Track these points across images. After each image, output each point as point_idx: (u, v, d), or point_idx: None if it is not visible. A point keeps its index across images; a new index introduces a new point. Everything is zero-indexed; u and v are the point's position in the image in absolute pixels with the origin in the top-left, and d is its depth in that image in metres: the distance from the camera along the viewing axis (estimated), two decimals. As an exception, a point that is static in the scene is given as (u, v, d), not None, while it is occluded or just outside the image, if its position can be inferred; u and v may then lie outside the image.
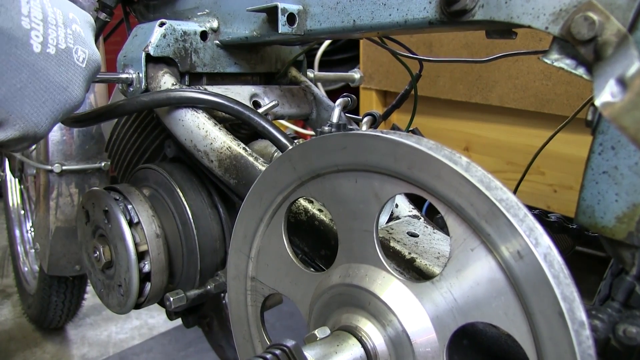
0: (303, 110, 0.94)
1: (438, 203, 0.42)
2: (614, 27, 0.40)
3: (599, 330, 0.42)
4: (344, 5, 0.64)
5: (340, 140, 0.47)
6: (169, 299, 0.78)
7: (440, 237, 0.64)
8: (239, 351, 0.65)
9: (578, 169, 0.45)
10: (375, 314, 0.47)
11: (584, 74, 0.44)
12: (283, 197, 0.54)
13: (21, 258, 1.74)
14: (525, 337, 0.39)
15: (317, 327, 0.50)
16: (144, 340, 1.67)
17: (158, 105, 0.74)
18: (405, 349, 0.45)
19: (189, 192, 0.80)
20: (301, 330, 1.58)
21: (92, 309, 1.82)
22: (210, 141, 0.73)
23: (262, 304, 0.61)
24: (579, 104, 0.78)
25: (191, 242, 0.79)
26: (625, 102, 0.33)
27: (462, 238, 0.41)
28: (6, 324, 1.77)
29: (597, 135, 0.43)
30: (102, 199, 0.78)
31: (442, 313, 0.43)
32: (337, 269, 0.51)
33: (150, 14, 0.94)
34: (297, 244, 0.66)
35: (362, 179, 0.47)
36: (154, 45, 0.76)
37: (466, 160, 0.40)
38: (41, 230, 1.31)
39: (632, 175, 0.41)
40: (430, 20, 0.55)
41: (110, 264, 0.80)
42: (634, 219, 0.41)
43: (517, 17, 0.48)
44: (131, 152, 0.93)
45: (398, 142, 0.43)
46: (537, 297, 0.37)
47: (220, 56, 0.84)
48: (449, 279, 0.42)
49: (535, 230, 0.37)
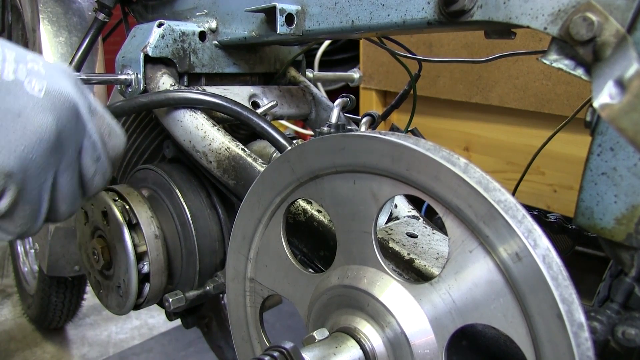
0: (302, 110, 0.94)
1: (436, 204, 0.42)
2: (612, 28, 0.40)
3: (598, 332, 0.42)
4: (343, 6, 0.63)
5: (339, 141, 0.47)
6: (168, 300, 0.78)
7: (440, 237, 0.64)
8: (238, 352, 0.65)
9: (578, 169, 0.45)
10: (373, 316, 0.47)
11: (582, 74, 0.44)
12: (282, 198, 0.54)
13: (21, 258, 1.74)
14: (523, 338, 0.39)
15: (316, 328, 0.50)
16: (144, 340, 1.67)
17: (157, 106, 0.74)
18: (403, 351, 0.45)
19: (187, 192, 0.80)
20: (301, 331, 1.58)
21: (92, 309, 1.82)
22: (208, 142, 0.72)
23: (261, 305, 0.61)
24: (579, 104, 0.77)
25: (190, 242, 0.79)
26: (624, 104, 0.32)
27: (461, 239, 0.41)
28: (6, 324, 1.77)
29: (596, 136, 0.43)
30: (101, 200, 0.78)
31: (441, 314, 0.43)
32: (336, 270, 0.51)
33: (149, 14, 0.94)
34: (296, 244, 0.66)
35: (361, 180, 0.47)
36: (153, 46, 0.76)
37: (464, 161, 0.40)
38: (40, 230, 1.30)
39: (631, 176, 0.41)
40: (428, 20, 0.55)
41: (109, 265, 0.80)
42: (632, 221, 0.41)
43: (515, 17, 0.48)
44: (130, 153, 0.93)
45: (396, 143, 0.43)
46: (535, 299, 0.37)
47: (219, 56, 0.84)
48: (447, 280, 0.42)
49: (534, 232, 0.37)
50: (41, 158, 0.49)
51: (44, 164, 0.50)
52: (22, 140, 0.47)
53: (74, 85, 0.53)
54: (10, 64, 0.47)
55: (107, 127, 0.58)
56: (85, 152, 0.55)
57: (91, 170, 0.56)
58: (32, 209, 0.52)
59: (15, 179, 0.47)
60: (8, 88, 0.47)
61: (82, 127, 0.53)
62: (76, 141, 0.53)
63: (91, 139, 0.55)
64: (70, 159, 0.53)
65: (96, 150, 0.56)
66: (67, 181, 0.54)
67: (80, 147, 0.54)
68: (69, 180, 0.54)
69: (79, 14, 1.17)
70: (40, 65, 0.50)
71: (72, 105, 0.51)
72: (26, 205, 0.51)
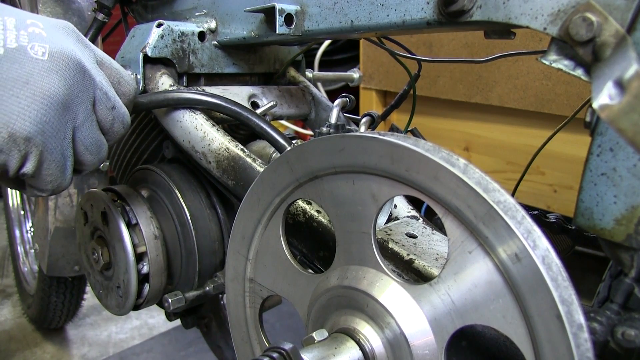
0: (302, 110, 0.94)
1: (436, 205, 0.42)
2: (612, 28, 0.40)
3: (598, 333, 0.42)
4: (342, 6, 0.63)
5: (338, 142, 0.47)
6: (168, 300, 0.78)
7: (439, 237, 0.63)
8: (238, 353, 0.65)
9: (578, 169, 0.45)
10: (373, 317, 0.47)
11: (582, 75, 0.44)
12: (281, 198, 0.54)
13: (21, 258, 1.74)
14: (523, 339, 0.38)
15: (316, 329, 0.50)
16: (144, 340, 1.67)
17: (156, 107, 0.74)
18: (403, 351, 0.45)
19: (187, 193, 0.80)
20: (301, 331, 1.58)
21: (92, 309, 1.82)
22: (208, 142, 0.72)
23: (260, 306, 0.61)
24: (578, 104, 0.77)
25: (190, 243, 0.79)
26: (623, 104, 0.32)
27: (460, 240, 0.41)
28: (6, 324, 1.77)
29: (595, 136, 0.43)
30: (100, 200, 0.78)
31: (440, 315, 0.43)
32: (335, 271, 0.51)
33: (149, 14, 0.94)
34: (296, 245, 0.66)
35: (360, 180, 0.47)
36: (152, 46, 0.76)
37: (464, 162, 0.40)
38: (40, 230, 1.30)
39: (631, 177, 0.41)
40: (428, 20, 0.55)
41: (108, 265, 0.80)
42: (632, 221, 0.41)
43: (515, 17, 0.48)
44: (129, 153, 0.93)
45: (396, 144, 0.43)
46: (535, 300, 0.37)
47: (219, 57, 0.84)
48: (446, 281, 0.42)
49: (534, 233, 0.37)
50: (55, 118, 0.52)
51: (60, 123, 0.53)
52: (34, 105, 0.50)
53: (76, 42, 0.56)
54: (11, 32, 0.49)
55: (116, 75, 0.61)
56: (99, 103, 0.58)
57: (109, 118, 0.59)
58: (58, 165, 0.55)
59: (34, 142, 0.51)
60: (13, 56, 0.49)
61: (91, 80, 0.56)
62: (87, 95, 0.56)
63: (102, 89, 0.58)
64: (85, 112, 0.56)
65: (110, 100, 0.59)
66: (87, 133, 0.57)
67: (94, 99, 0.57)
68: (88, 133, 0.57)
69: (78, 14, 1.17)
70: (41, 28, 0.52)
71: (76, 63, 0.54)
72: (51, 163, 0.54)
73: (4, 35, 0.49)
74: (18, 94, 0.49)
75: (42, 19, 0.54)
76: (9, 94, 0.48)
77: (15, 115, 0.49)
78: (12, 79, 0.49)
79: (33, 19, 0.52)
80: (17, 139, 0.49)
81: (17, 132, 0.49)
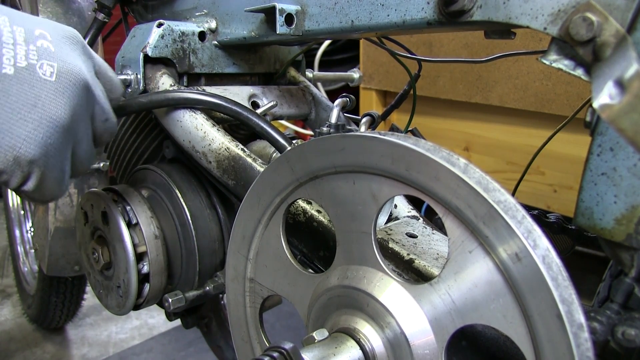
0: (302, 110, 0.94)
1: (436, 205, 0.42)
2: (612, 28, 0.40)
3: (598, 333, 0.42)
4: (342, 6, 0.63)
5: (338, 141, 0.47)
6: (168, 300, 0.78)
7: (439, 237, 0.64)
8: (238, 353, 0.65)
9: (578, 169, 0.45)
10: (373, 316, 0.47)
11: (582, 75, 0.44)
12: (281, 198, 0.54)
13: (21, 258, 1.74)
14: (523, 339, 0.38)
15: (316, 328, 0.50)
16: (144, 340, 1.67)
17: (156, 106, 0.74)
18: (403, 351, 0.45)
19: (187, 193, 0.80)
20: (301, 330, 1.58)
21: (92, 309, 1.82)
22: (208, 142, 0.72)
23: (260, 305, 0.61)
24: (578, 104, 0.77)
25: (190, 243, 0.79)
26: (624, 104, 0.32)
27: (460, 240, 0.41)
28: (6, 324, 1.77)
29: (595, 136, 0.43)
30: (100, 200, 0.78)
31: (441, 315, 0.43)
32: (336, 271, 0.51)
33: (149, 14, 0.94)
34: (296, 245, 0.66)
35: (360, 180, 0.47)
36: (152, 46, 0.76)
37: (464, 161, 0.40)
38: (40, 230, 1.30)
39: (631, 177, 0.41)
40: (428, 20, 0.55)
41: (109, 265, 0.80)
42: (632, 221, 0.41)
43: (515, 17, 0.48)
44: (130, 153, 0.93)
45: (396, 143, 0.43)
46: (535, 300, 0.37)
47: (219, 56, 0.84)
48: (447, 281, 0.42)
49: (534, 232, 0.37)
50: (59, 140, 0.53)
51: (62, 144, 0.54)
52: (40, 128, 0.50)
53: (82, 54, 0.56)
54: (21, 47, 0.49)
55: (109, 83, 0.62)
56: (96, 117, 0.59)
57: (101, 130, 0.61)
58: (57, 181, 0.56)
59: (37, 164, 0.51)
60: (22, 77, 0.49)
61: (92, 96, 0.57)
62: (88, 111, 0.57)
63: (100, 104, 0.58)
64: (84, 128, 0.57)
65: (104, 113, 0.60)
66: (84, 147, 0.59)
67: (92, 114, 0.58)
68: (85, 146, 0.59)
69: (78, 14, 1.17)
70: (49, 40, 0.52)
71: (82, 81, 0.54)
72: (51, 180, 0.55)
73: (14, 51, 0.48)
74: (26, 117, 0.49)
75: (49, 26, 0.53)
76: (17, 117, 0.48)
77: (21, 139, 0.49)
78: (21, 102, 0.49)
79: (41, 27, 0.52)
80: (22, 162, 0.50)
81: (22, 156, 0.49)
